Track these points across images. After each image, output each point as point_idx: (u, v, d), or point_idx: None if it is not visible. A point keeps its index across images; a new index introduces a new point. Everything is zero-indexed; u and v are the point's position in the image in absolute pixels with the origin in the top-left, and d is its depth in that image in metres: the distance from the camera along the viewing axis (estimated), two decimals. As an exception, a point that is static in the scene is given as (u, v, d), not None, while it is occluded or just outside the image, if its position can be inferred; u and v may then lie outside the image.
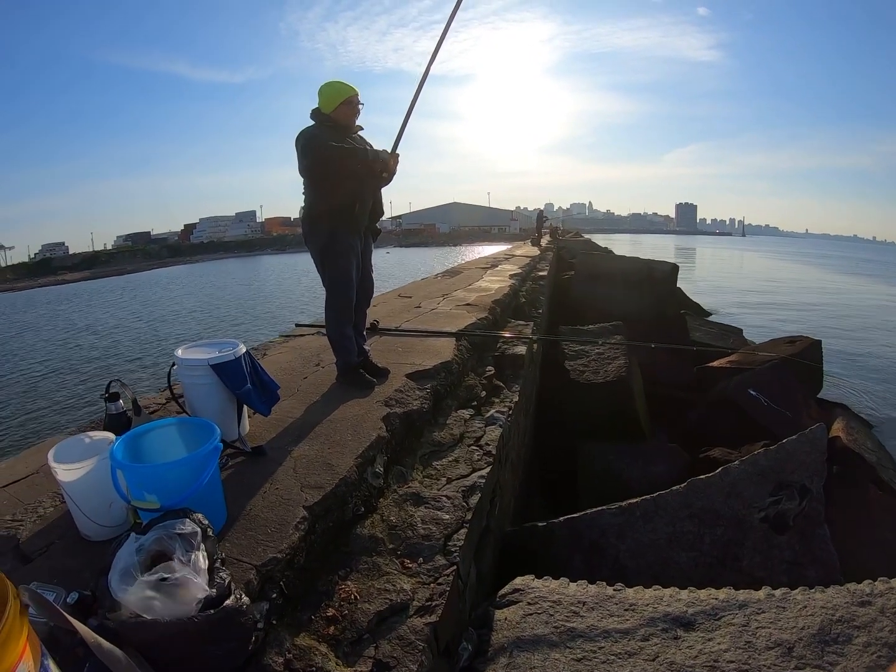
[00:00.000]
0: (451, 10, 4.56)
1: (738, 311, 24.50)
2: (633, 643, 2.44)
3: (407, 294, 9.58)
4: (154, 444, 2.53)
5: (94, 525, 2.30)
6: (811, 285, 41.88)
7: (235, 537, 2.35)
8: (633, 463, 6.34)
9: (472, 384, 4.98)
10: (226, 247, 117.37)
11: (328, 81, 4.22)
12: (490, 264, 16.06)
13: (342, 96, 4.18)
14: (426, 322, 6.79)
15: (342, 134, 4.17)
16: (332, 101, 4.17)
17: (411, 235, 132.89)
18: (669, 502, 4.02)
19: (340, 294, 4.33)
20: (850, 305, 30.01)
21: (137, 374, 15.90)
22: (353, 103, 4.25)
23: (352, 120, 4.29)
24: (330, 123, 4.18)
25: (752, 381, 7.87)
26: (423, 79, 4.46)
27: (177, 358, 3.20)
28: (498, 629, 2.56)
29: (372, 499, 3.03)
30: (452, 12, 4.56)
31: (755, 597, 2.69)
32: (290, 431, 3.50)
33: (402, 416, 3.84)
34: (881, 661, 2.27)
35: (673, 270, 15.31)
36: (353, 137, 4.29)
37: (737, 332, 15.09)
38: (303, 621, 2.15)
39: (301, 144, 4.09)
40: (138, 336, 23.25)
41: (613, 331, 9.34)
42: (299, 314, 21.72)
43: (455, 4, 4.55)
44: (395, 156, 4.36)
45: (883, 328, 22.58)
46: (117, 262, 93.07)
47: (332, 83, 4.20)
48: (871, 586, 2.69)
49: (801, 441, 4.25)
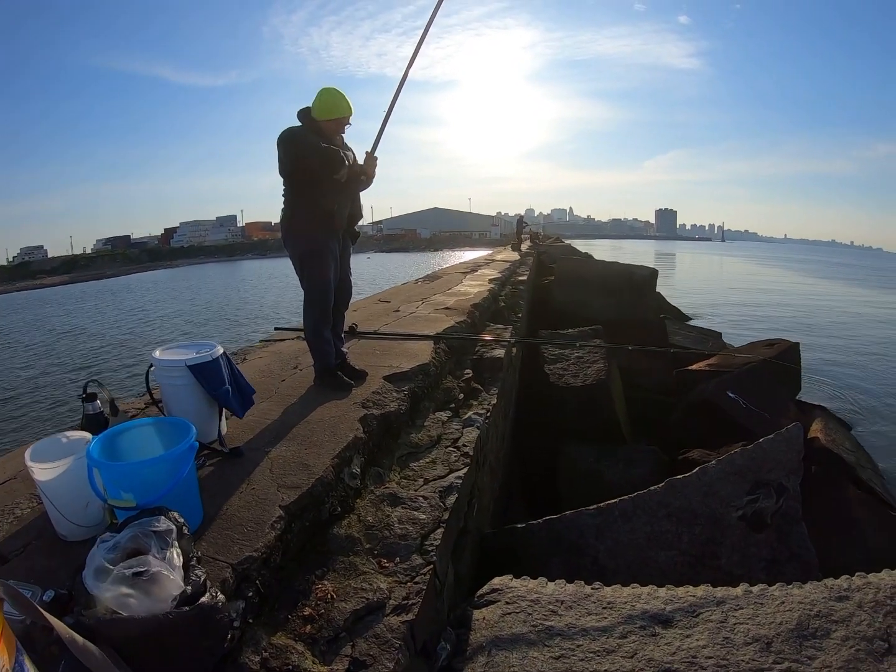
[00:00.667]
0: (431, 14, 4.58)
1: (717, 315, 24.64)
2: (611, 641, 2.45)
3: (386, 298, 9.58)
4: (130, 444, 2.52)
5: (71, 525, 2.28)
6: (789, 289, 42.25)
7: (211, 536, 2.35)
8: (613, 465, 6.37)
9: (450, 387, 5.00)
10: (206, 251, 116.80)
11: (331, 89, 4.16)
12: (470, 269, 16.09)
13: (338, 114, 4.16)
14: (405, 325, 6.80)
15: (323, 141, 4.13)
16: (326, 112, 4.14)
17: (392, 241, 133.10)
18: (647, 502, 4.04)
19: (318, 297, 4.32)
20: (827, 309, 30.33)
21: (117, 378, 15.78)
22: (343, 123, 4.24)
23: (336, 136, 4.26)
24: (315, 129, 4.14)
25: (731, 383, 7.92)
26: (401, 82, 4.46)
27: (154, 359, 3.19)
28: (476, 629, 2.57)
29: (349, 499, 3.03)
30: (431, 15, 4.58)
31: (733, 593, 2.71)
32: (267, 433, 3.49)
33: (379, 418, 3.84)
34: (860, 654, 2.29)
35: (652, 275, 15.39)
36: (335, 140, 4.26)
37: (716, 336, 15.19)
38: (279, 620, 2.15)
39: (283, 144, 4.06)
40: (118, 340, 23.07)
41: (593, 335, 9.37)
42: (280, 319, 21.67)
43: (434, 8, 4.57)
44: (374, 158, 4.36)
45: (860, 331, 22.81)
46: (97, 266, 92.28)
47: (334, 94, 4.15)
48: (848, 581, 2.72)
49: (777, 440, 4.29)
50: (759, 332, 17.42)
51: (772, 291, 39.27)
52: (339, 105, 4.15)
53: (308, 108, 4.19)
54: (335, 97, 4.14)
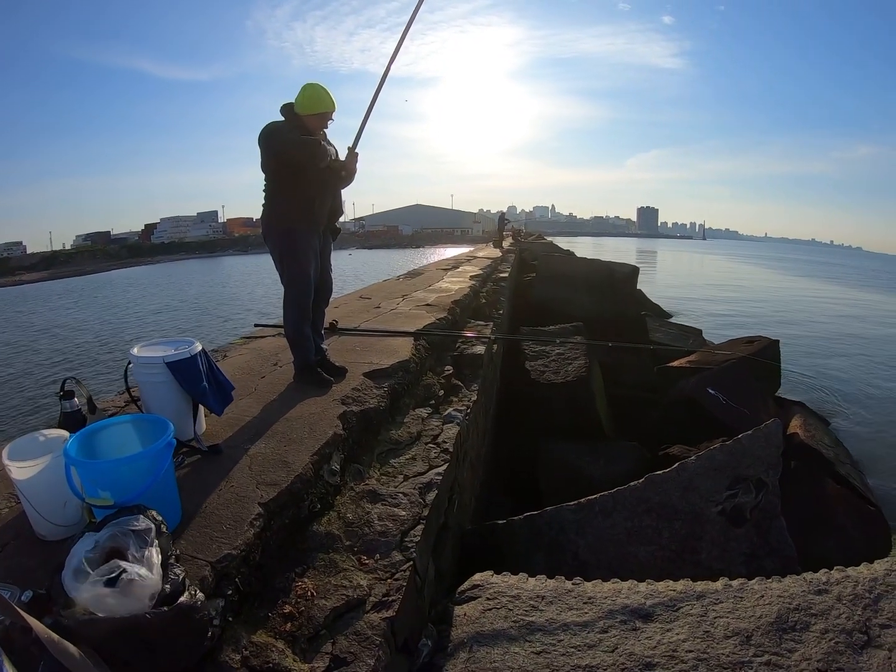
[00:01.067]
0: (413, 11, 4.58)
1: (697, 312, 24.82)
2: (592, 635, 2.46)
3: (367, 295, 9.56)
4: (108, 442, 2.50)
5: (49, 524, 2.26)
6: (769, 287, 42.67)
7: (190, 534, 2.33)
8: (594, 461, 6.40)
9: (431, 383, 5.00)
10: (187, 247, 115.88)
11: (314, 84, 4.14)
12: (451, 266, 16.09)
13: (321, 108, 4.14)
14: (385, 322, 6.79)
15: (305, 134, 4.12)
16: (309, 107, 4.12)
17: (374, 237, 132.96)
18: (627, 498, 4.06)
19: (298, 292, 4.31)
20: (806, 306, 30.64)
21: (95, 376, 15.65)
22: (326, 118, 4.22)
23: (317, 131, 4.23)
24: (298, 123, 4.12)
25: (712, 379, 7.98)
26: (383, 78, 4.45)
27: (132, 356, 3.16)
28: (457, 625, 2.58)
29: (328, 496, 3.02)
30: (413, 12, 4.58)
31: (713, 587, 2.73)
32: (246, 430, 3.48)
33: (359, 415, 3.84)
34: (839, 647, 2.33)
35: (633, 272, 15.48)
36: (317, 135, 4.23)
37: (696, 333, 15.27)
38: (259, 618, 2.15)
39: (265, 138, 4.04)
40: (97, 338, 22.86)
41: (574, 331, 9.42)
42: (260, 315, 21.60)
43: (416, 5, 4.57)
44: (355, 154, 4.35)
45: (838, 328, 23.11)
46: (76, 263, 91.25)
47: (317, 88, 4.12)
48: (827, 575, 2.76)
49: (756, 436, 4.32)
50: (740, 330, 17.55)
51: (752, 289, 39.64)
52: (322, 100, 4.12)
53: (291, 104, 4.17)
54: (318, 92, 4.11)
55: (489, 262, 17.59)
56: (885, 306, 34.06)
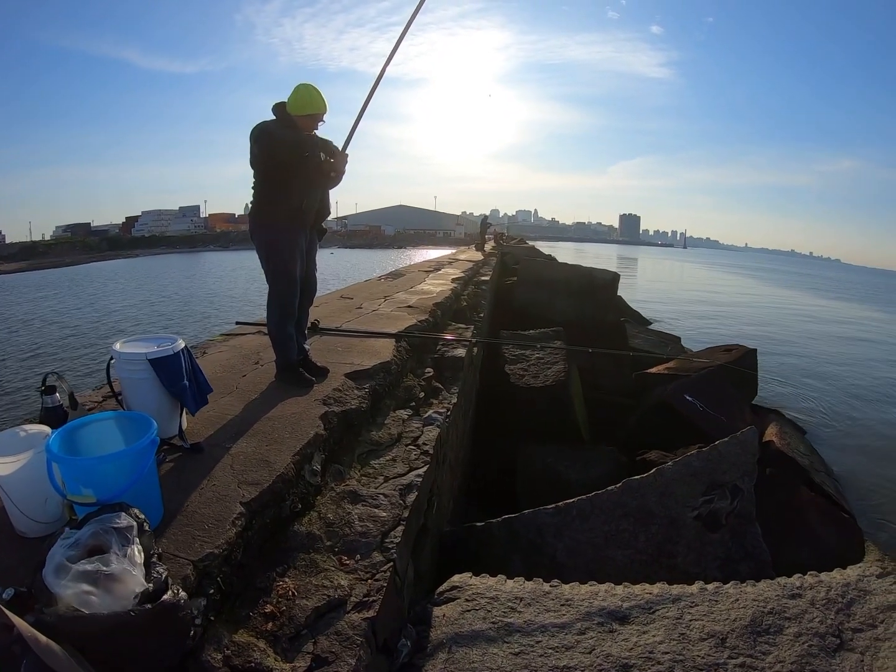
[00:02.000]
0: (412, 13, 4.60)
1: (676, 319, 24.98)
2: (569, 637, 2.49)
3: (349, 295, 9.55)
4: (90, 438, 2.49)
5: (30, 521, 2.25)
6: (748, 296, 43.06)
7: (172, 533, 2.33)
8: (572, 465, 6.43)
9: (411, 385, 5.01)
10: (168, 241, 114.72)
11: (308, 85, 4.17)
12: (433, 268, 16.11)
13: (313, 110, 4.16)
14: (367, 323, 6.79)
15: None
16: (301, 108, 4.14)
17: (356, 237, 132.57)
18: (605, 502, 4.10)
19: (283, 291, 4.31)
20: (784, 316, 30.98)
21: (74, 370, 15.50)
22: (317, 119, 4.24)
23: (308, 131, 4.25)
24: (289, 123, 4.15)
25: (689, 386, 8.04)
26: (377, 80, 4.47)
27: (114, 352, 3.15)
28: (436, 625, 2.59)
29: (309, 496, 3.03)
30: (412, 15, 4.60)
31: (688, 591, 2.77)
32: (228, 428, 3.47)
33: (340, 415, 3.84)
34: (812, 649, 2.38)
35: (614, 279, 15.55)
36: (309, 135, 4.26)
37: (675, 340, 15.35)
38: (241, 617, 2.15)
39: (256, 137, 4.05)
40: (77, 331, 22.65)
41: (554, 336, 9.46)
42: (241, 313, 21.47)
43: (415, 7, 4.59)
44: (345, 155, 4.37)
45: (815, 338, 23.37)
46: (56, 254, 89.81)
47: (310, 90, 4.15)
48: (801, 580, 2.81)
49: (732, 443, 4.38)
50: (718, 338, 17.69)
51: (731, 298, 40.01)
52: (315, 101, 4.15)
53: (283, 103, 4.19)
54: (311, 93, 4.14)
55: (471, 264, 17.62)
56: (860, 317, 34.57)
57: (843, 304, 43.01)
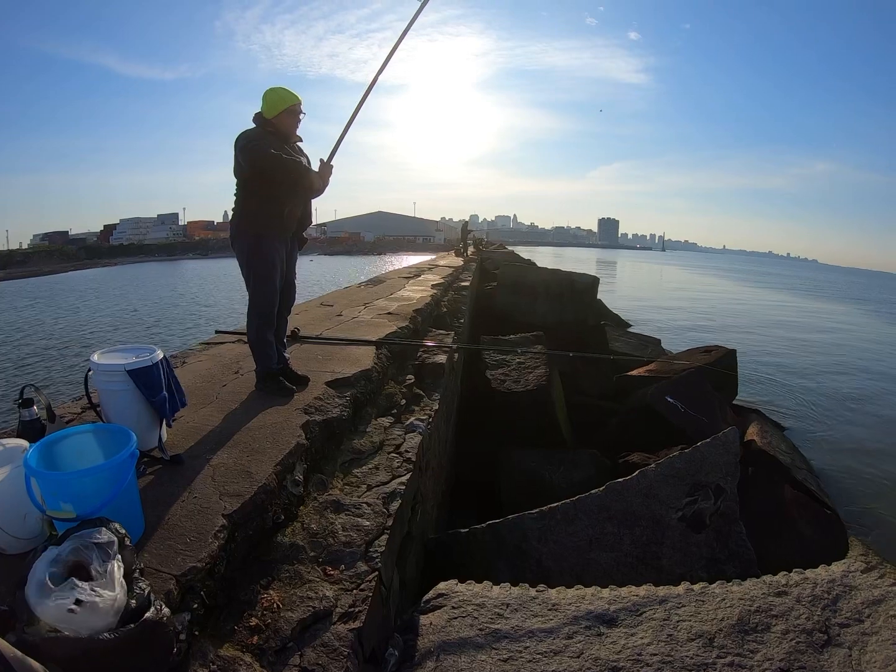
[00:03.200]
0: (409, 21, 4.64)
1: (656, 321, 25.14)
2: (557, 641, 2.49)
3: (329, 302, 9.52)
4: (69, 452, 2.45)
5: (9, 537, 2.20)
6: (727, 297, 43.45)
7: (154, 547, 2.30)
8: (555, 469, 6.44)
9: (393, 392, 5.00)
10: (146, 250, 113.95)
11: (272, 87, 4.19)
12: (413, 274, 16.12)
13: (285, 104, 4.16)
14: (347, 330, 6.77)
15: (282, 142, 4.15)
16: (274, 107, 4.14)
17: (336, 243, 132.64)
18: (589, 505, 4.11)
19: (263, 300, 4.28)
20: (762, 316, 31.29)
21: (53, 382, 15.34)
22: (295, 112, 4.23)
23: (292, 129, 4.28)
24: (271, 129, 4.15)
25: (670, 388, 8.09)
26: (366, 92, 4.50)
27: (93, 363, 3.10)
28: (424, 634, 2.58)
29: (292, 507, 3.01)
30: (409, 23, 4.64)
31: (675, 592, 2.78)
32: (208, 439, 3.43)
33: (321, 424, 3.82)
34: (800, 646, 2.39)
35: (594, 283, 15.60)
36: (293, 147, 4.28)
37: (655, 343, 15.44)
38: (226, 631, 2.13)
39: (240, 146, 4.02)
40: (54, 342, 22.42)
41: (535, 341, 9.47)
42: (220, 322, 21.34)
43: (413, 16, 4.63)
44: (329, 167, 4.39)
45: (792, 337, 23.65)
46: (33, 263, 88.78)
47: (275, 89, 4.17)
48: (786, 577, 2.83)
49: (714, 444, 4.40)
50: (697, 339, 17.80)
51: (709, 299, 40.33)
52: (285, 96, 4.17)
53: (260, 113, 4.20)
54: (277, 91, 4.17)
55: (451, 270, 17.66)
56: (834, 314, 35.00)
57: (819, 303, 43.51)
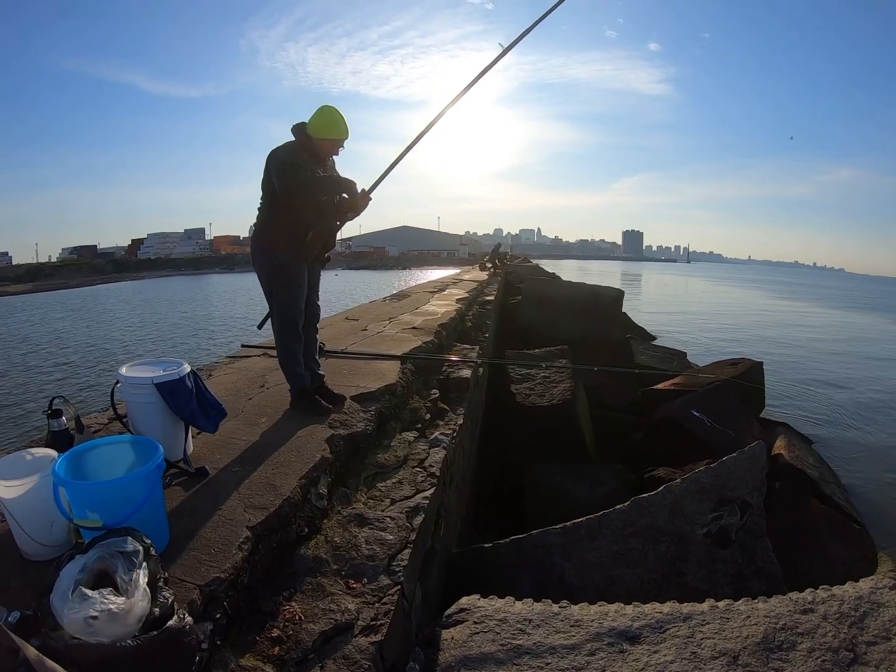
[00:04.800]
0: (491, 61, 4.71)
1: (682, 334, 24.95)
2: (579, 658, 2.47)
3: (354, 317, 9.55)
4: (97, 462, 2.49)
5: (36, 544, 2.24)
6: (753, 309, 43.11)
7: (178, 557, 2.32)
8: (580, 484, 6.41)
9: (417, 407, 5.01)
10: (173, 264, 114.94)
11: (332, 108, 4.04)
12: (438, 288, 16.10)
13: (335, 134, 4.07)
14: (372, 345, 6.79)
15: (315, 162, 4.05)
16: (323, 130, 4.02)
17: (360, 258, 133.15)
18: (613, 521, 4.08)
19: (288, 321, 4.22)
20: (789, 327, 31.00)
21: (80, 392, 15.48)
22: (338, 145, 4.16)
23: (327, 157, 4.19)
24: (308, 147, 4.04)
25: (696, 402, 8.03)
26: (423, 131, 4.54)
27: (121, 376, 3.15)
28: (445, 648, 2.57)
29: (316, 520, 3.02)
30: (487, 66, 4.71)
31: (699, 609, 2.75)
32: (233, 452, 3.47)
33: (346, 438, 3.83)
34: (826, 665, 2.35)
35: (619, 296, 15.57)
36: (326, 168, 4.18)
37: (681, 356, 15.33)
38: (247, 642, 2.14)
39: (275, 162, 3.94)
40: (82, 353, 22.64)
41: (559, 355, 9.45)
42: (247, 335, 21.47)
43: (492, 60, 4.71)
44: (368, 198, 4.34)
45: (821, 348, 23.37)
46: (62, 276, 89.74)
47: (334, 114, 4.03)
48: (813, 594, 2.79)
49: (740, 458, 4.36)
50: (724, 352, 17.66)
51: (736, 311, 39.99)
52: (338, 126, 4.05)
53: (303, 124, 4.07)
54: (335, 117, 4.04)
55: (475, 284, 17.62)
56: (865, 326, 34.61)
57: (848, 314, 43.05)
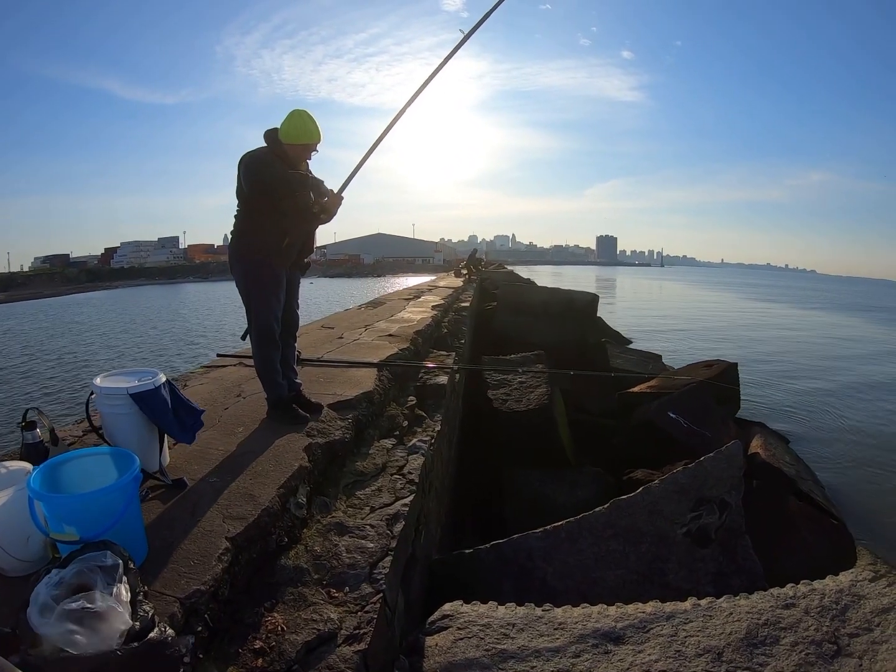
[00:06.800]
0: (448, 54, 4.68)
1: (657, 337, 25.11)
2: (564, 660, 2.47)
3: (329, 325, 9.51)
4: (72, 475, 2.45)
5: (12, 559, 2.20)
6: (726, 311, 43.55)
7: (157, 570, 2.30)
8: (559, 488, 6.42)
9: (395, 414, 4.99)
10: (147, 273, 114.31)
11: (302, 112, 4.00)
12: (413, 295, 16.12)
13: (306, 139, 4.02)
14: (348, 352, 6.76)
15: (289, 167, 4.00)
16: (295, 136, 3.98)
17: (336, 266, 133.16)
18: (593, 523, 4.10)
19: (265, 329, 4.17)
20: (762, 328, 31.42)
21: (54, 404, 15.30)
22: (311, 149, 4.12)
23: (300, 162, 4.14)
24: (280, 153, 4.00)
25: (672, 404, 8.08)
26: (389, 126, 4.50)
27: (95, 387, 3.10)
28: (429, 655, 2.57)
29: (295, 529, 3.00)
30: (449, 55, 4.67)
31: (682, 607, 2.77)
32: (211, 462, 3.43)
33: (324, 447, 3.82)
34: (810, 658, 2.38)
35: (593, 300, 15.64)
36: (302, 170, 4.13)
37: (656, 358, 15.41)
38: (230, 654, 2.12)
39: (247, 166, 3.91)
40: (55, 364, 22.39)
41: (535, 360, 9.48)
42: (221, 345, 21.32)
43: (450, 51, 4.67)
44: (340, 198, 4.32)
45: (793, 348, 23.73)
46: (34, 286, 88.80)
47: (305, 118, 3.98)
48: (794, 589, 2.82)
49: (717, 458, 4.40)
50: (699, 354, 17.80)
51: (709, 313, 40.38)
52: (309, 130, 4.00)
53: (275, 129, 4.04)
54: (305, 121, 3.98)
55: (451, 291, 17.66)
56: (837, 325, 35.10)
57: (817, 314, 43.63)
